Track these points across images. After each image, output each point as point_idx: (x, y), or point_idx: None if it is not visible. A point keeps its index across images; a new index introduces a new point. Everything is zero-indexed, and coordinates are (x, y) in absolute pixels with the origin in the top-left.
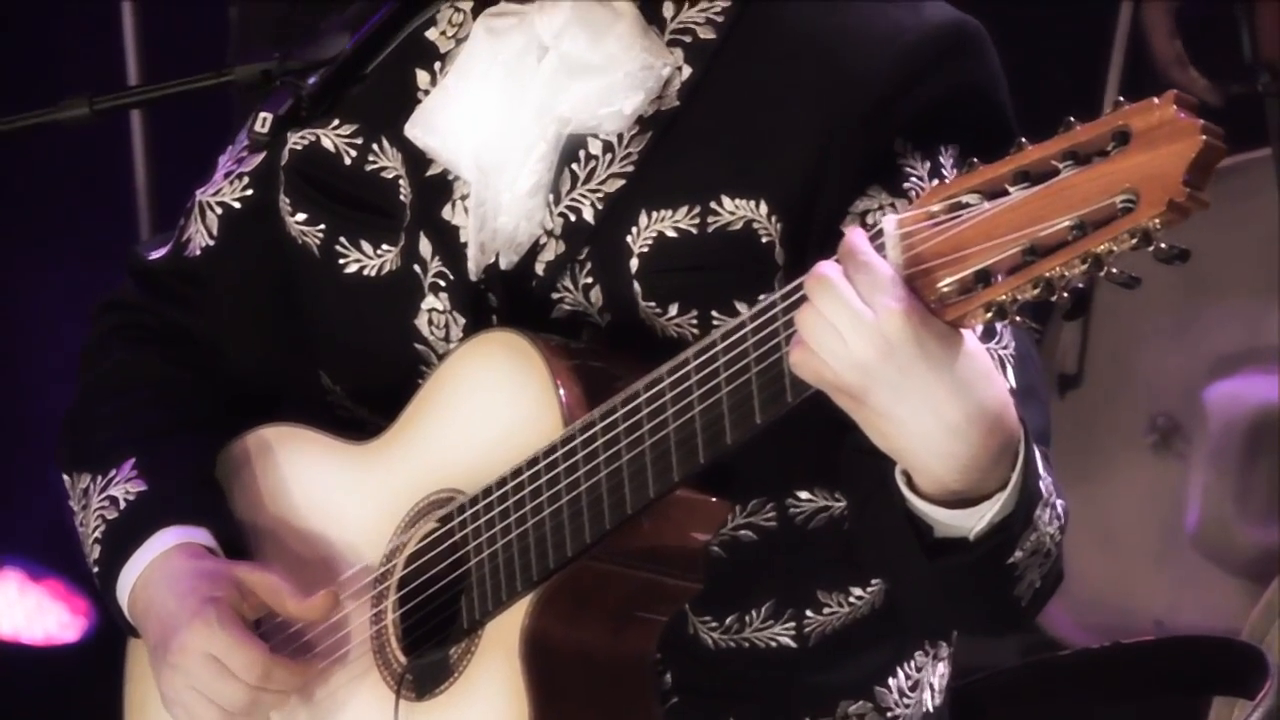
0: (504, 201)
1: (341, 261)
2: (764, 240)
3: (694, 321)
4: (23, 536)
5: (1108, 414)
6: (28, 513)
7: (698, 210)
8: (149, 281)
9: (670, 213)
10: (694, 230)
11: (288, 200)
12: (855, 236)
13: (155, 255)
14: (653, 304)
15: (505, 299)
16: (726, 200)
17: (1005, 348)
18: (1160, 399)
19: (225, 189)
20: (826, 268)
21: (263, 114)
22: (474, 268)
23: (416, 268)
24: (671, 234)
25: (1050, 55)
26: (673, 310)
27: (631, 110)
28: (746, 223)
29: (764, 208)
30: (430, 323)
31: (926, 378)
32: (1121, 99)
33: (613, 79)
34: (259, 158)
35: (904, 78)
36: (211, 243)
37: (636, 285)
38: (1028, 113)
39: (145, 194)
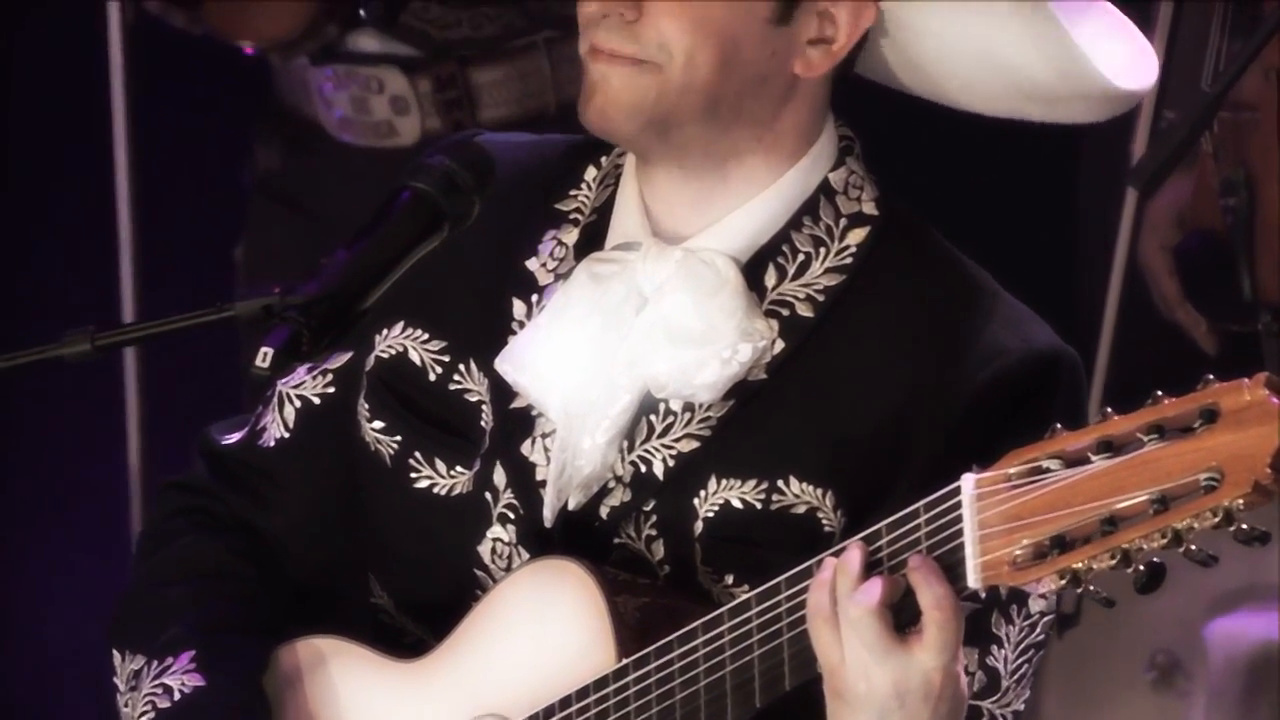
0: (585, 448)
1: (413, 475)
2: (825, 529)
3: (746, 593)
4: None
5: (1107, 651)
6: None
7: (765, 486)
8: (220, 467)
9: (739, 483)
10: (758, 505)
11: (367, 406)
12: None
13: (228, 441)
14: (710, 569)
15: (567, 537)
16: (795, 482)
17: (1006, 706)
18: (1160, 635)
19: (308, 383)
20: (881, 588)
21: (264, 349)
22: (549, 514)
23: (488, 495)
24: (737, 504)
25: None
26: (728, 580)
27: (725, 384)
28: (811, 509)
29: (830, 499)
30: (494, 552)
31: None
32: (1212, 377)
33: (711, 350)
34: (346, 355)
35: (995, 402)
36: (286, 435)
37: (698, 548)
38: None
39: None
